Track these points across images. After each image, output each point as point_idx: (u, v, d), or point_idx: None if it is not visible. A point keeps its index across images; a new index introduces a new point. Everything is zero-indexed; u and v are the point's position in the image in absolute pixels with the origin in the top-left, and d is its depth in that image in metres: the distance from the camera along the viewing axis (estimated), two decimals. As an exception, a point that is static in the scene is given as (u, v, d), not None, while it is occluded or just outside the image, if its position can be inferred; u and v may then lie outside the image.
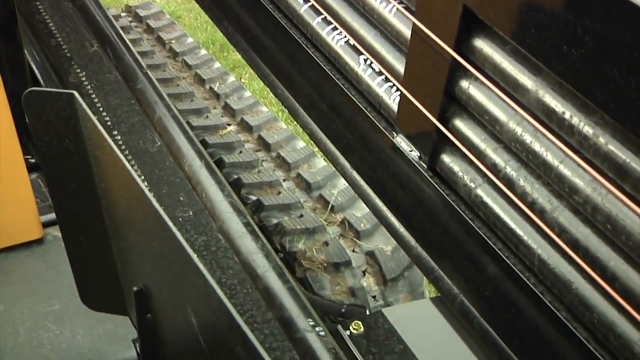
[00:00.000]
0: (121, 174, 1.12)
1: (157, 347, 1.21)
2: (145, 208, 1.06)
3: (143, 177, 1.79)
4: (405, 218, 1.41)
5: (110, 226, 1.29)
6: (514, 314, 1.15)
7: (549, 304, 1.08)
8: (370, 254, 2.02)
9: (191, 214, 1.74)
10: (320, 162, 2.41)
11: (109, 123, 1.93)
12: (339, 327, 1.50)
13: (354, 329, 1.48)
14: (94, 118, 1.15)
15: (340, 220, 2.12)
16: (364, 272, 1.98)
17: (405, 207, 1.40)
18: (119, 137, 1.89)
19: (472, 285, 1.25)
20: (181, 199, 1.77)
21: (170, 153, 1.91)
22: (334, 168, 1.78)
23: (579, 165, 0.99)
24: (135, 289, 1.19)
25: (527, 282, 1.11)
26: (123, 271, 1.31)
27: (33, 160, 1.88)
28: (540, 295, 1.09)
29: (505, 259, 1.14)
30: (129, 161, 1.73)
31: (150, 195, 1.04)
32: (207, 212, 1.75)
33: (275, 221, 2.06)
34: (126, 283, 1.30)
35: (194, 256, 0.94)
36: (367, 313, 1.70)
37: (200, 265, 0.93)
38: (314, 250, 1.97)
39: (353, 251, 2.03)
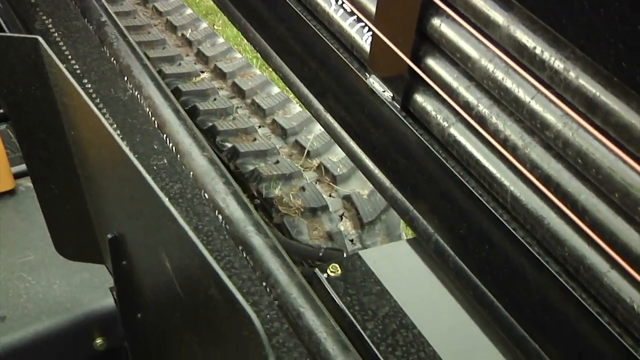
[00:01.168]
0: (91, 121, 1.11)
1: (133, 294, 1.21)
2: (117, 156, 1.05)
3: (115, 126, 1.77)
4: (379, 159, 1.41)
5: (82, 174, 1.27)
6: (488, 251, 1.17)
7: (521, 240, 1.09)
8: (347, 198, 2.02)
9: (165, 161, 1.72)
10: (296, 107, 2.39)
11: (78, 71, 1.89)
12: (317, 270, 1.51)
13: (331, 271, 1.49)
14: (60, 64, 1.12)
15: (316, 165, 2.12)
16: (341, 217, 1.99)
17: (379, 149, 1.40)
18: (90, 86, 1.85)
19: (446, 224, 1.26)
20: (155, 147, 1.75)
21: (142, 101, 1.88)
22: (309, 113, 1.77)
23: (550, 100, 0.99)
24: (109, 236, 1.18)
25: (500, 218, 1.12)
26: (97, 219, 1.30)
27: (1, 111, 1.84)
28: (513, 231, 1.10)
29: (479, 197, 1.15)
30: (100, 110, 1.70)
31: (122, 142, 1.03)
32: (181, 160, 1.74)
33: (251, 168, 2.05)
34: (100, 231, 1.29)
35: (167, 202, 0.94)
36: (345, 256, 1.71)
37: (173, 211, 0.92)
38: (290, 195, 1.97)
39: (330, 196, 2.03)
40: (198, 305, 0.93)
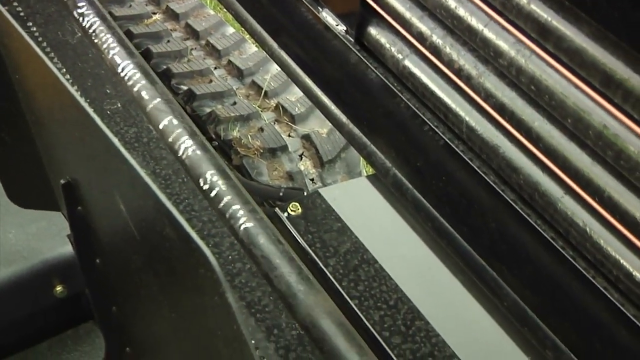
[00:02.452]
0: (37, 65, 1.07)
1: (91, 240, 1.20)
2: (67, 100, 1.02)
3: (65, 70, 1.71)
4: (335, 95, 1.39)
5: (31, 120, 1.24)
6: (445, 183, 1.17)
7: (477, 170, 1.10)
8: (307, 138, 2.01)
9: (119, 105, 1.68)
10: (252, 47, 2.35)
11: (22, 14, 1.82)
12: (277, 210, 1.50)
13: (291, 210, 1.49)
14: (1, 6, 1.08)
15: (274, 105, 2.10)
16: (300, 156, 1.98)
17: (335, 84, 1.39)
18: (35, 29, 1.78)
19: (403, 157, 1.26)
20: (108, 91, 1.71)
21: (92, 44, 1.82)
22: (265, 53, 1.74)
23: (503, 27, 0.99)
24: (62, 182, 1.16)
25: (456, 149, 1.12)
26: (49, 165, 1.27)
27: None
28: (469, 161, 1.11)
29: (435, 129, 1.15)
30: (47, 54, 1.65)
31: (70, 86, 1.00)
32: (135, 103, 1.70)
33: (208, 110, 2.02)
34: (54, 177, 1.27)
35: (118, 143, 0.92)
36: (305, 195, 1.71)
37: (125, 152, 0.91)
38: (249, 137, 1.95)
39: (289, 136, 2.01)
40: (154, 246, 0.93)
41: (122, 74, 1.79)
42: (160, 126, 1.66)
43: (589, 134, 0.91)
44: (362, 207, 1.48)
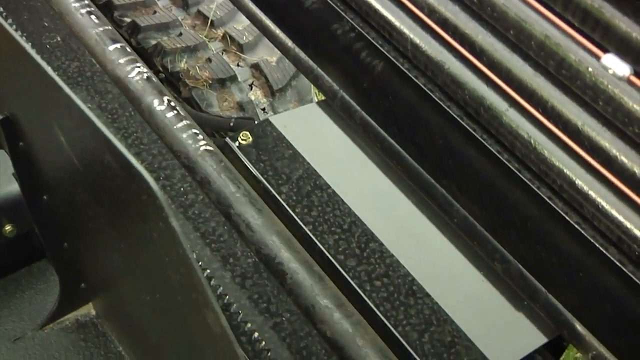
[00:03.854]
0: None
1: (35, 176, 1.17)
2: (1, 35, 0.98)
3: (-2, 4, 1.65)
4: (279, 18, 1.36)
5: (-37, 55, 1.19)
6: (391, 102, 1.17)
7: (423, 87, 1.09)
8: (256, 67, 1.98)
9: (59, 39, 1.63)
10: (196, -24, 2.28)
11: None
12: (227, 139, 1.49)
13: (242, 139, 1.47)
14: None
15: (221, 35, 2.05)
16: (250, 86, 1.95)
17: (278, 8, 1.36)
18: (-36, -38, 1.70)
19: (349, 79, 1.25)
20: (46, 24, 1.64)
21: (26, -23, 1.75)
22: (209, -19, 1.69)
23: (443, -61, 0.97)
24: (0, 117, 1.13)
25: (402, 67, 1.12)
26: (-13, 102, 1.23)
27: None
28: (415, 79, 1.10)
29: (379, 47, 1.14)
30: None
31: (4, 21, 0.96)
32: (76, 37, 1.65)
33: (153, 42, 1.96)
34: (-8, 114, 1.23)
35: (52, 72, 0.89)
36: (255, 123, 1.69)
37: (59, 81, 0.87)
38: (197, 68, 1.91)
39: (238, 65, 1.98)
40: (97, 176, 0.91)
41: (60, 7, 1.73)
42: (104, 59, 1.62)
43: (531, 44, 0.91)
44: (313, 133, 1.47)
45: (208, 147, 1.47)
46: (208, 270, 1.27)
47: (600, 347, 1.05)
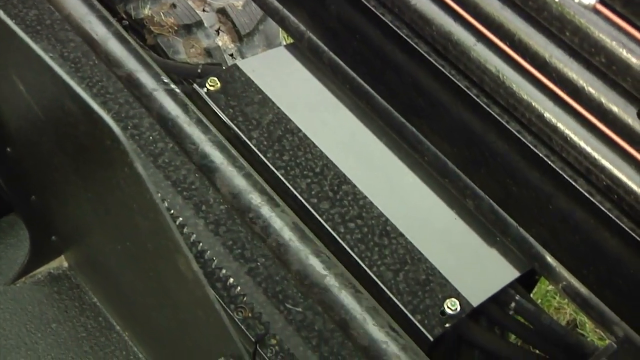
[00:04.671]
0: None
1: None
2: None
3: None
4: (243, -41, 1.33)
5: None
6: (359, 41, 1.15)
7: (390, 24, 1.08)
8: (222, 12, 1.93)
9: (15, -12, 1.57)
10: None
11: None
12: (195, 86, 1.46)
13: (210, 85, 1.45)
14: None
15: (185, -21, 2.00)
16: (217, 31, 1.91)
17: (242, -52, 1.32)
18: None
19: (316, 19, 1.23)
20: (1, -27, 1.59)
21: None
22: None
23: None
24: (-43, 68, 1.09)
25: (368, 4, 1.10)
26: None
27: None
28: (381, 16, 1.08)
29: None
30: None
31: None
32: (33, -16, 1.59)
33: (115, -11, 1.91)
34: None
35: (13, 24, 0.85)
36: (223, 69, 1.66)
37: (14, 26, 0.84)
38: (161, 14, 1.86)
39: (203, 10, 1.93)
40: (60, 124, 0.89)
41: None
42: (64, 7, 1.57)
43: (497, -24, 0.90)
44: (282, 76, 1.45)
45: (174, 94, 1.45)
46: (181, 219, 1.26)
47: (570, 278, 1.06)
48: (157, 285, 0.96)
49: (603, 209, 0.95)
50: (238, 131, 1.36)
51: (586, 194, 0.97)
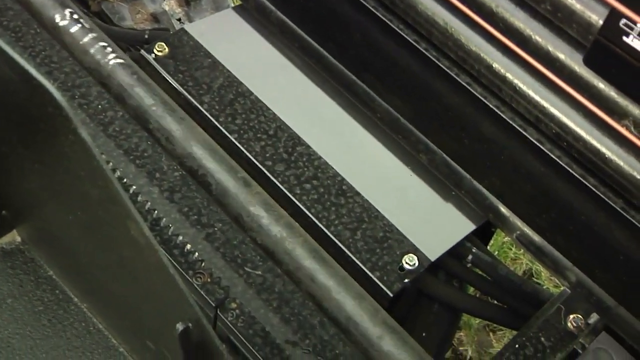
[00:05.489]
0: None
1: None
2: None
3: None
4: None
5: None
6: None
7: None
8: (168, -24, 1.89)
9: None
10: None
11: None
12: (142, 52, 1.43)
13: (157, 51, 1.42)
14: None
15: (128, -57, 1.95)
16: (164, -5, 1.88)
17: None
18: None
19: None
20: None
21: None
22: None
23: None
24: None
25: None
26: None
27: None
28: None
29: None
30: None
31: None
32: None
33: (56, -44, 1.84)
34: None
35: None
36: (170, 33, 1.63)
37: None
38: (104, -20, 1.82)
39: (148, -25, 1.89)
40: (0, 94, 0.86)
41: None
42: (0, -25, 1.52)
43: None
44: (231, 39, 1.42)
45: (121, 61, 1.41)
46: (134, 187, 1.24)
47: (523, 227, 1.08)
48: (111, 254, 0.95)
49: (553, 156, 0.97)
50: (189, 96, 1.34)
51: (536, 142, 0.98)
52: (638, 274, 0.97)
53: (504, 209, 1.10)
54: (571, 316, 1.03)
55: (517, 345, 1.01)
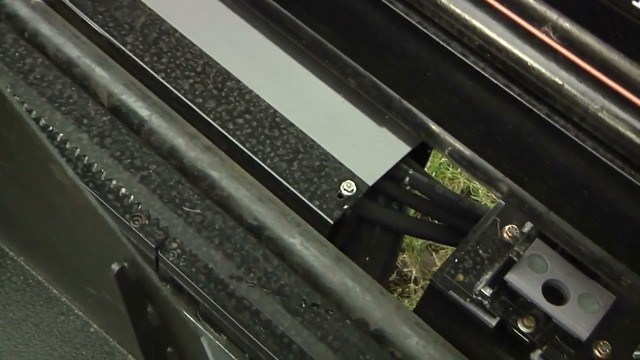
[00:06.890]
0: None
1: None
2: None
3: None
4: None
5: None
6: None
7: None
8: None
9: None
10: None
11: None
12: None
13: (77, -8, 1.36)
14: None
15: None
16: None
17: None
18: None
19: None
20: None
21: None
22: None
23: None
24: None
25: None
26: None
27: None
28: None
29: None
30: None
31: None
32: None
33: None
34: None
35: None
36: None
37: None
38: None
39: None
40: None
41: None
42: None
43: None
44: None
45: (36, 5, 1.36)
46: (62, 134, 1.21)
47: (454, 142, 1.09)
48: (40, 201, 0.92)
49: (477, 68, 0.97)
50: (111, 38, 1.30)
51: (460, 55, 0.98)
52: (564, 178, 1.00)
53: (434, 126, 1.10)
54: (506, 227, 1.05)
55: (456, 260, 1.03)
